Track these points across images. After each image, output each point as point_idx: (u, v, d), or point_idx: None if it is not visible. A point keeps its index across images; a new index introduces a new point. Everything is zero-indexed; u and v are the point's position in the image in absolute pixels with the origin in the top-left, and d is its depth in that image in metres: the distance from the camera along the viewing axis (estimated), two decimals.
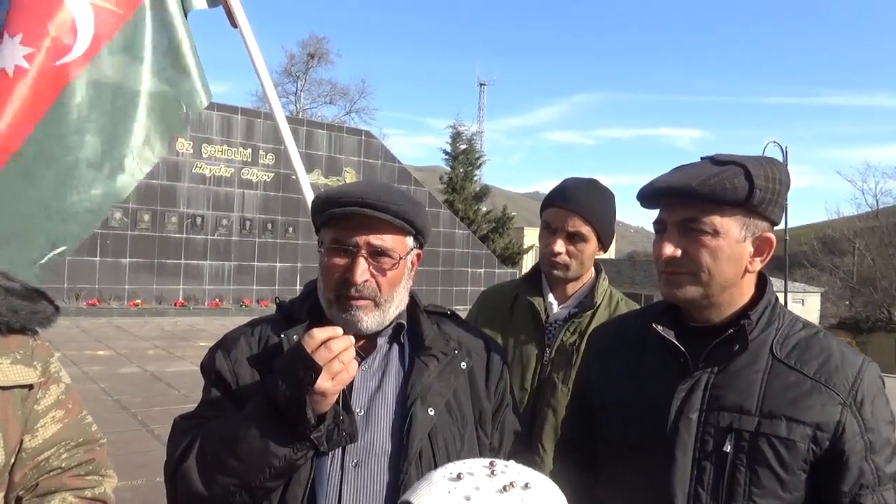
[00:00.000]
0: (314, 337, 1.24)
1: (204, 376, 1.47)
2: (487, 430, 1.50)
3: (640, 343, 1.46)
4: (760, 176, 1.28)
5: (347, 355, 1.26)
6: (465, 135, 33.91)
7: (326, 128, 20.41)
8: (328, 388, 1.23)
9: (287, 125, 2.40)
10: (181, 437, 1.36)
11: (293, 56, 46.97)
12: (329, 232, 1.42)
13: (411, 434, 1.35)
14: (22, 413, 1.31)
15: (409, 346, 1.49)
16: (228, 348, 1.45)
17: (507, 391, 1.58)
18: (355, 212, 1.36)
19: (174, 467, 1.32)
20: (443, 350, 1.47)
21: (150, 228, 16.41)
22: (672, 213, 1.34)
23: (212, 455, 1.28)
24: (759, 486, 1.26)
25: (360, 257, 1.37)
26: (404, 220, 1.40)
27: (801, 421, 1.25)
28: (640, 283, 35.82)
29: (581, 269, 2.04)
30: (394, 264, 1.40)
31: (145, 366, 9.73)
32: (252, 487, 1.27)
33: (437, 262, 20.71)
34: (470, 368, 1.50)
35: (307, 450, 1.27)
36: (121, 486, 5.37)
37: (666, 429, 1.33)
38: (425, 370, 1.43)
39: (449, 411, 1.43)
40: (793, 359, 1.31)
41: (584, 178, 2.08)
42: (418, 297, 1.56)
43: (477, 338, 1.61)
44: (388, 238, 1.40)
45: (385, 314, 1.43)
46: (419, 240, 1.48)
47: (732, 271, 1.32)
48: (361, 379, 1.41)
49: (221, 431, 1.30)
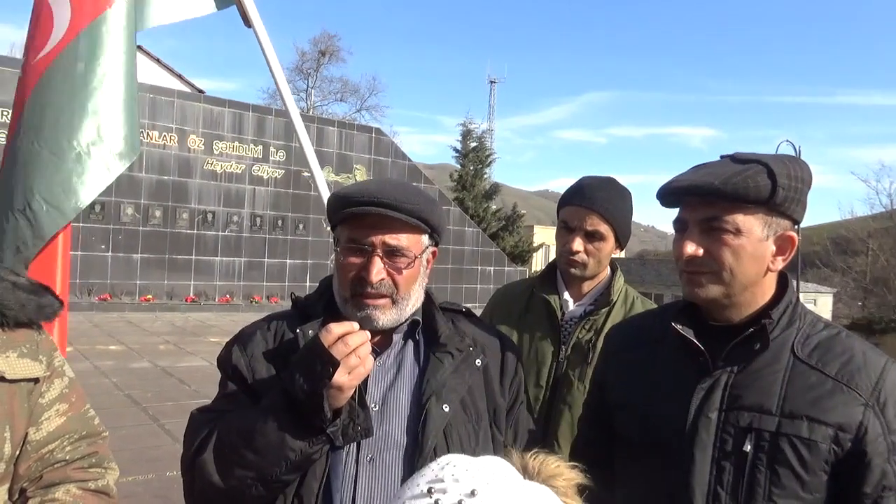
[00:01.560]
0: (331, 332, 1.24)
1: (220, 370, 1.48)
2: (502, 428, 1.50)
3: (659, 342, 1.45)
4: (783, 174, 1.27)
5: (364, 350, 1.26)
6: (476, 133, 33.84)
7: (337, 125, 20.44)
8: (345, 383, 1.24)
9: (302, 123, 2.41)
10: (198, 429, 1.37)
11: (304, 53, 47.08)
12: (345, 230, 1.42)
13: (426, 430, 1.35)
14: (27, 406, 1.32)
15: (423, 342, 1.49)
16: (245, 343, 1.46)
17: (520, 389, 1.59)
18: (371, 211, 1.36)
19: (191, 460, 1.33)
20: (458, 347, 1.48)
21: (162, 224, 16.49)
22: (694, 212, 1.33)
23: (229, 448, 1.29)
24: (779, 487, 1.25)
25: (376, 256, 1.37)
26: (420, 219, 1.40)
27: (823, 421, 1.24)
28: (651, 282, 35.66)
29: (598, 268, 2.04)
30: (409, 263, 1.40)
31: (156, 361, 9.79)
32: (268, 480, 1.28)
33: (446, 260, 20.71)
34: (485, 366, 1.51)
35: (323, 444, 1.27)
36: (131, 480, 5.37)
37: (685, 428, 1.32)
38: (440, 367, 1.43)
39: (464, 408, 1.43)
40: (814, 358, 1.30)
41: (603, 177, 2.07)
42: (433, 294, 1.57)
43: (492, 335, 1.61)
44: (404, 237, 1.39)
45: (402, 312, 1.43)
46: (434, 238, 1.48)
47: (754, 270, 1.31)
48: (376, 374, 1.42)
49: (239, 424, 1.31)
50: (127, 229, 15.92)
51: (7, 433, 1.27)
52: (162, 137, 16.40)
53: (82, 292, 15.01)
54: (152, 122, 16.11)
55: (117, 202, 15.58)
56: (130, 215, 15.99)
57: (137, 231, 16.12)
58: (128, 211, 15.91)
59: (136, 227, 16.09)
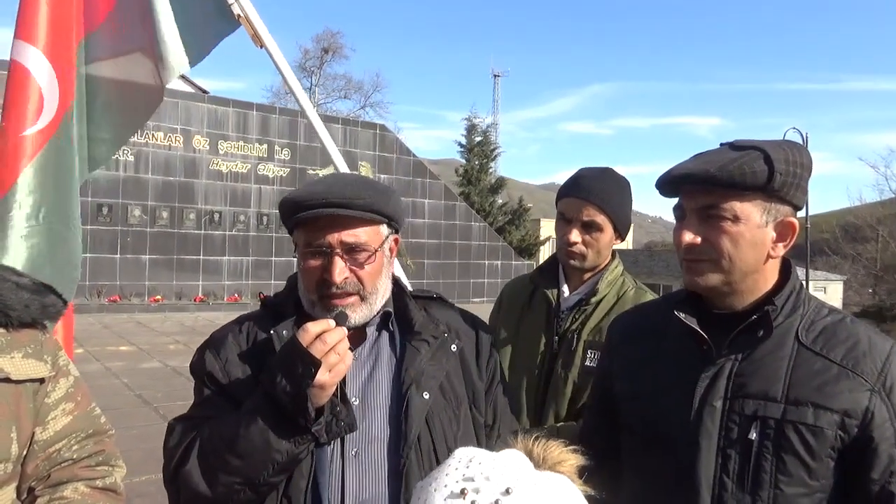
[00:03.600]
0: (308, 331, 1.24)
1: (195, 377, 1.46)
2: (481, 409, 1.51)
3: (662, 331, 1.45)
4: (780, 160, 1.26)
5: (342, 346, 1.26)
6: (480, 127, 33.76)
7: (341, 122, 20.45)
8: (327, 381, 1.23)
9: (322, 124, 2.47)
10: (179, 439, 1.35)
11: (307, 51, 47.04)
12: (301, 235, 1.41)
13: (409, 419, 1.36)
14: (33, 406, 1.33)
15: (398, 332, 1.49)
16: (217, 348, 1.45)
17: (496, 369, 1.59)
18: (323, 213, 1.34)
19: (174, 471, 1.32)
20: (433, 334, 1.48)
21: (169, 225, 16.56)
22: (691, 200, 1.32)
23: (213, 455, 1.28)
24: (785, 474, 1.24)
25: (336, 256, 1.36)
26: (373, 212, 1.39)
27: (829, 408, 1.23)
28: (659, 273, 35.54)
29: (598, 259, 2.03)
30: (370, 256, 1.39)
31: (167, 361, 9.84)
32: (255, 484, 1.27)
33: (453, 255, 20.71)
34: (460, 350, 1.51)
35: (308, 443, 1.27)
36: (143, 479, 5.39)
37: (689, 417, 1.32)
38: (417, 355, 1.43)
39: (443, 394, 1.43)
40: (819, 345, 1.29)
41: (599, 168, 2.07)
42: (402, 282, 1.57)
43: (464, 319, 1.61)
44: (361, 232, 1.38)
45: (372, 306, 1.43)
46: (393, 225, 1.47)
47: (754, 257, 1.30)
48: (354, 368, 1.41)
49: (221, 430, 1.30)
50: (135, 231, 15.99)
51: (13, 433, 1.27)
52: (167, 138, 16.45)
53: (92, 294, 15.10)
54: (157, 123, 16.15)
55: (124, 204, 15.65)
56: (138, 217, 16.05)
57: (145, 232, 16.19)
58: (135, 212, 15.97)
59: (143, 228, 16.15)
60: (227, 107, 17.60)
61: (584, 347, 1.96)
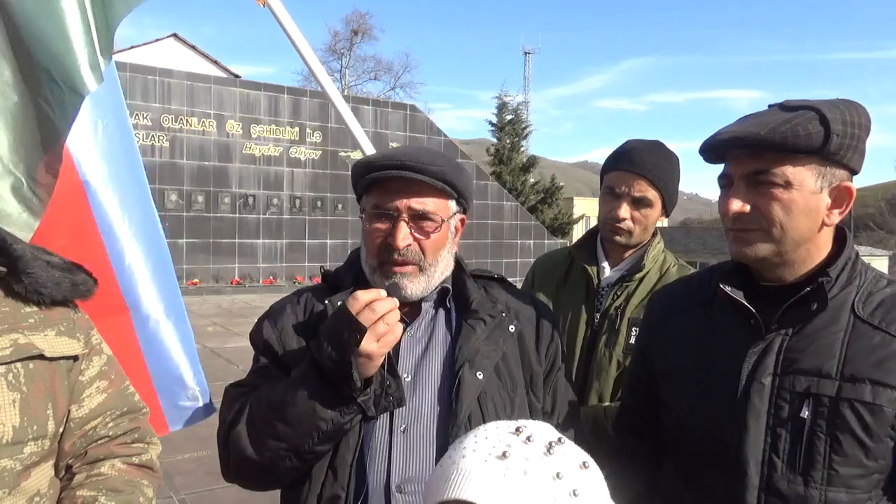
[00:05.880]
0: (358, 299, 1.23)
1: (253, 346, 1.49)
2: (539, 394, 1.47)
3: (707, 305, 1.38)
4: (837, 120, 1.17)
5: (392, 317, 1.24)
6: (511, 105, 33.41)
7: (371, 103, 20.40)
8: (374, 351, 1.22)
9: (345, 104, 2.40)
10: (232, 403, 1.38)
11: (337, 33, 47.08)
12: (370, 198, 1.41)
13: (460, 398, 1.33)
14: (68, 384, 1.33)
15: (455, 310, 1.47)
16: (275, 318, 1.47)
17: (558, 354, 1.55)
18: (394, 175, 1.34)
19: (226, 433, 1.35)
20: (490, 313, 1.45)
21: (205, 209, 16.80)
22: (739, 166, 1.25)
23: (261, 420, 1.30)
24: (840, 454, 1.17)
25: (402, 221, 1.35)
26: (445, 182, 1.38)
27: (888, 384, 1.16)
28: (696, 251, 34.94)
29: (644, 236, 1.96)
30: (436, 227, 1.38)
31: (205, 342, 10.02)
32: (301, 451, 1.28)
33: (486, 235, 20.62)
34: (519, 332, 1.48)
35: (354, 413, 1.26)
36: (186, 458, 5.54)
37: (736, 395, 1.25)
38: (472, 334, 1.41)
39: (498, 375, 1.40)
40: (877, 318, 1.21)
41: (649, 140, 1.97)
42: (464, 261, 1.54)
43: (526, 301, 1.57)
44: (430, 201, 1.37)
45: (430, 279, 1.41)
46: (462, 204, 1.46)
47: (808, 225, 1.22)
48: (407, 344, 1.41)
49: (270, 396, 1.31)
50: (171, 216, 16.26)
51: (50, 410, 1.28)
52: (201, 123, 16.64)
53: None
54: (191, 108, 16.35)
55: (161, 189, 15.91)
56: (174, 202, 16.33)
57: (182, 217, 16.46)
58: (171, 197, 16.24)
59: (179, 213, 16.42)
60: (259, 91, 17.71)
61: (629, 325, 1.89)
